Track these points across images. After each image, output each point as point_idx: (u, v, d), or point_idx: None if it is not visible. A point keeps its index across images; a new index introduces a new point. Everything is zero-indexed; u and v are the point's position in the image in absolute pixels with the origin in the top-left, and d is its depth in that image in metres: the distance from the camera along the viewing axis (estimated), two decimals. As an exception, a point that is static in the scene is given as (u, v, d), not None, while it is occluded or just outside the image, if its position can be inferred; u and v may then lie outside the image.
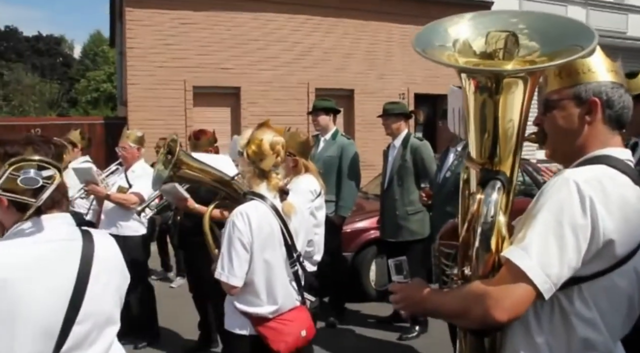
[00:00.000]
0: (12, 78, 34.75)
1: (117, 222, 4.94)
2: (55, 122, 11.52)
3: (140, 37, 9.79)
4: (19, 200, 1.46)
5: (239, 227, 2.47)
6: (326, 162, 5.23)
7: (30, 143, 1.54)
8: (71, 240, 1.57)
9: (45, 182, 1.45)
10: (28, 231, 1.50)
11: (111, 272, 1.65)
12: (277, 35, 10.58)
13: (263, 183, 2.60)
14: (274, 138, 2.59)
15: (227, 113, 10.55)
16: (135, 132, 5.22)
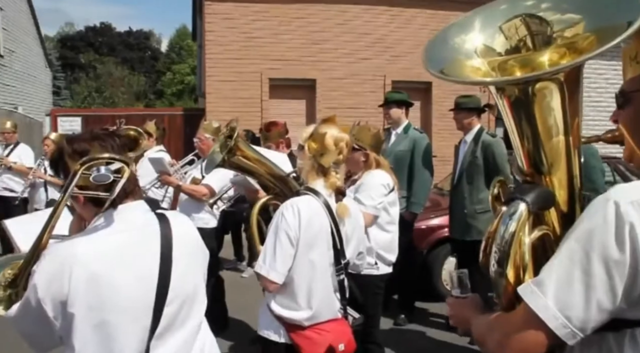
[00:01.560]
0: (104, 71, 36.70)
1: (190, 213, 4.98)
2: (138, 112, 11.99)
3: (218, 31, 9.97)
4: (94, 196, 1.52)
5: (288, 219, 2.33)
6: (398, 156, 5.08)
7: (96, 138, 1.59)
8: (148, 225, 1.62)
9: (116, 176, 1.49)
10: (106, 224, 1.55)
11: (192, 249, 1.70)
12: (354, 27, 10.45)
13: (320, 179, 2.47)
14: (338, 134, 2.46)
15: (303, 105, 10.55)
16: (211, 124, 5.22)
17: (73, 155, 1.55)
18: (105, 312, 1.46)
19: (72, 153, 1.56)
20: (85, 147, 1.55)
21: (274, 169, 3.10)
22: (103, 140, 1.59)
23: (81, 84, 35.74)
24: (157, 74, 44.27)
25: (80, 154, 1.53)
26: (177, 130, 10.10)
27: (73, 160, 1.53)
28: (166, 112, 11.26)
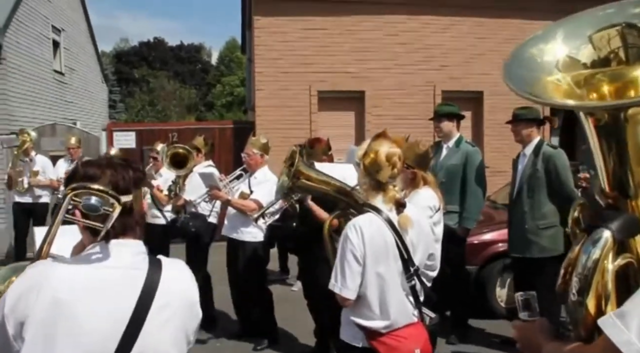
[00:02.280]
0: (157, 85, 37.86)
1: (238, 227, 5.08)
2: (190, 126, 12.19)
3: (267, 44, 10.08)
4: (87, 224, 1.49)
5: (352, 239, 2.47)
6: (449, 170, 4.99)
7: (110, 166, 1.56)
8: (134, 269, 1.53)
9: (107, 210, 1.45)
10: (93, 256, 1.51)
11: (176, 308, 1.56)
12: (401, 37, 10.35)
13: (379, 195, 2.57)
14: (390, 149, 2.55)
15: (352, 117, 10.51)
16: (259, 139, 5.29)
17: (82, 178, 1.53)
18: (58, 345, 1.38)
19: (82, 176, 1.53)
20: (96, 173, 1.53)
21: (338, 185, 3.18)
22: (115, 170, 1.55)
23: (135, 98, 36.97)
24: (207, 86, 45.30)
25: (89, 179, 1.52)
26: (227, 143, 10.24)
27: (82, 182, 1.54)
28: (216, 125, 11.42)
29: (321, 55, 10.14)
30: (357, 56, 10.22)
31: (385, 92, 10.29)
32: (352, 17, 10.23)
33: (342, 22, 10.21)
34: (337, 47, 10.19)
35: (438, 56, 10.48)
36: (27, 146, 7.76)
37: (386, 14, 10.30)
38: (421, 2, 10.33)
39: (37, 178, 7.77)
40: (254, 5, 10.25)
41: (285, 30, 10.07)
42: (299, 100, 10.09)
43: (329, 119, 10.27)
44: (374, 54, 10.27)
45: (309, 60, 10.10)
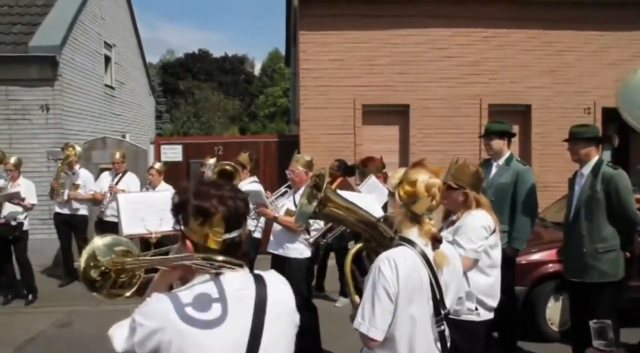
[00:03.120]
0: (202, 96, 38.59)
1: (284, 243, 5.11)
2: (235, 140, 12.38)
3: (312, 59, 10.14)
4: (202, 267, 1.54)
5: (386, 274, 2.24)
6: (499, 189, 4.89)
7: (223, 203, 1.59)
8: (244, 288, 1.62)
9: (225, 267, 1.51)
10: (206, 287, 1.59)
11: (284, 318, 1.68)
12: (447, 51, 10.23)
13: (414, 228, 2.38)
14: (429, 179, 2.38)
15: (396, 131, 10.44)
16: (304, 156, 5.35)
17: (196, 214, 1.58)
18: None
19: (195, 211, 1.58)
20: (209, 210, 1.57)
21: (364, 215, 3.02)
22: (227, 206, 1.59)
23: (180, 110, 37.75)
24: (250, 97, 45.87)
25: (202, 215, 1.58)
26: (272, 156, 10.33)
27: (194, 218, 1.59)
28: (261, 139, 11.54)
29: (366, 69, 10.14)
30: (401, 70, 10.18)
31: (430, 105, 10.20)
32: (397, 31, 10.19)
33: (386, 36, 10.19)
34: (381, 60, 10.17)
35: (484, 69, 10.33)
36: (71, 159, 8.04)
37: (432, 27, 10.23)
38: (467, 15, 10.22)
39: (76, 192, 8.02)
40: (299, 20, 10.35)
41: (330, 45, 10.13)
42: (343, 114, 10.10)
43: (373, 133, 10.24)
44: (419, 67, 10.20)
45: (353, 74, 10.11)
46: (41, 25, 10.69)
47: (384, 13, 10.14)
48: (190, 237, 1.60)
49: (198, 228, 1.58)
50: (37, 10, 11.24)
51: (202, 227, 1.58)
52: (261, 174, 7.06)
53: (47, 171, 9.83)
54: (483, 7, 10.18)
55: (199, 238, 1.59)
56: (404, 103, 10.20)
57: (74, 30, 11.22)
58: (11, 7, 11.40)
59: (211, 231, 1.57)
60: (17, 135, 10.16)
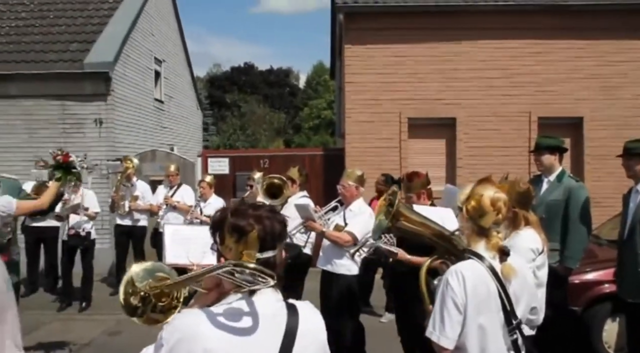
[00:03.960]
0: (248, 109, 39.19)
1: (332, 259, 5.08)
2: (280, 153, 12.51)
3: (358, 72, 10.17)
4: (237, 283, 1.55)
5: (453, 286, 2.36)
6: (550, 205, 4.75)
7: (259, 221, 1.62)
8: (276, 315, 1.63)
9: (259, 280, 1.52)
10: (238, 307, 1.60)
11: (314, 348, 1.68)
12: (495, 63, 10.08)
13: (482, 241, 2.48)
14: (495, 194, 2.47)
15: (442, 145, 10.33)
16: (355, 171, 5.29)
17: (232, 231, 1.62)
18: None
19: (231, 228, 1.62)
20: (246, 229, 1.61)
21: (437, 228, 3.09)
22: (264, 226, 1.62)
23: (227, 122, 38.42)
24: (295, 110, 46.26)
25: (238, 232, 1.61)
26: (317, 170, 10.36)
27: (230, 235, 1.62)
28: (306, 152, 11.61)
29: (412, 83, 10.09)
30: (448, 83, 10.09)
31: (478, 119, 10.05)
32: (444, 44, 10.12)
33: (433, 49, 10.13)
34: (428, 73, 10.11)
35: (533, 81, 10.12)
36: (130, 172, 8.25)
37: (479, 39, 10.11)
38: (515, 27, 10.07)
39: (136, 203, 8.24)
40: (345, 33, 10.40)
41: (376, 58, 10.13)
42: (389, 128, 10.07)
43: (420, 147, 10.17)
44: (466, 80, 10.08)
45: (399, 88, 10.08)
46: (96, 43, 11.12)
47: (430, 26, 10.11)
48: (226, 254, 1.64)
49: (233, 246, 1.61)
50: (92, 29, 11.70)
51: (237, 245, 1.61)
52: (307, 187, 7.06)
53: (100, 182, 10.15)
54: (531, 18, 10.02)
55: (234, 256, 1.61)
56: (451, 116, 10.09)
57: (126, 47, 11.62)
58: (69, 26, 11.92)
59: (245, 249, 1.60)
60: (72, 147, 10.46)
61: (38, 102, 10.60)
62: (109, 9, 12.47)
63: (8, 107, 10.62)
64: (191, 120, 18.13)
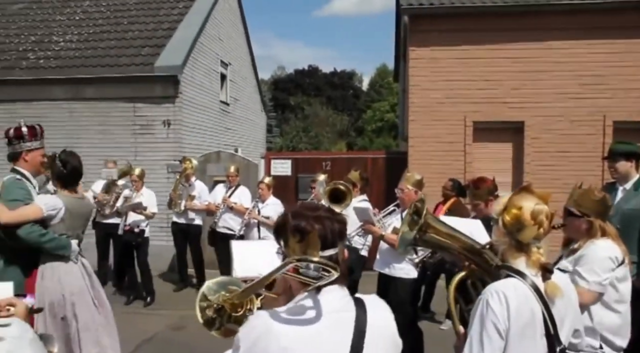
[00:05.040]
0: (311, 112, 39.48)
1: (390, 263, 5.06)
2: (342, 156, 12.47)
3: (422, 75, 10.00)
4: (304, 281, 1.64)
5: (495, 309, 2.12)
6: (625, 215, 4.47)
7: (319, 221, 1.69)
8: (345, 311, 1.68)
9: (323, 274, 1.60)
10: (306, 305, 1.66)
11: (384, 341, 1.71)
12: (565, 64, 9.63)
13: (521, 257, 2.25)
14: (536, 206, 2.24)
15: (509, 149, 9.99)
16: (414, 175, 5.29)
17: (294, 232, 1.69)
18: None
19: (293, 230, 1.69)
20: (306, 229, 1.68)
21: (467, 241, 2.91)
22: (323, 225, 1.69)
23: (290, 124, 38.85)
24: (358, 112, 46.22)
25: (300, 233, 1.68)
26: (379, 172, 10.28)
27: (293, 236, 1.70)
28: (369, 155, 11.54)
29: (477, 85, 9.83)
30: (515, 85, 9.75)
31: (547, 122, 9.66)
32: (511, 45, 9.80)
33: (499, 50, 9.83)
34: (494, 75, 9.81)
35: (608, 83, 9.60)
36: (188, 172, 8.48)
37: (548, 40, 9.71)
38: (588, 26, 9.60)
39: (192, 203, 8.44)
40: (409, 36, 10.28)
41: (441, 61, 9.94)
42: (453, 131, 9.85)
43: (485, 151, 9.88)
44: (535, 81, 9.71)
45: (464, 90, 9.84)
46: (166, 47, 11.51)
47: (496, 27, 9.82)
48: (290, 256, 1.69)
49: (296, 247, 1.68)
50: (162, 34, 12.12)
51: (299, 246, 1.68)
52: (368, 190, 7.03)
53: (167, 182, 10.49)
54: (606, 17, 9.53)
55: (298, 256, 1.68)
56: (519, 120, 9.76)
57: (194, 50, 11.96)
58: (141, 31, 12.41)
59: (308, 249, 1.66)
60: (141, 148, 10.96)
61: (111, 104, 11.09)
62: (179, 14, 12.89)
63: (84, 109, 11.17)
64: (255, 122, 18.45)
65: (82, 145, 10.86)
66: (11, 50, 12.25)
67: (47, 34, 12.78)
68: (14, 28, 13.26)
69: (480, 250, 2.64)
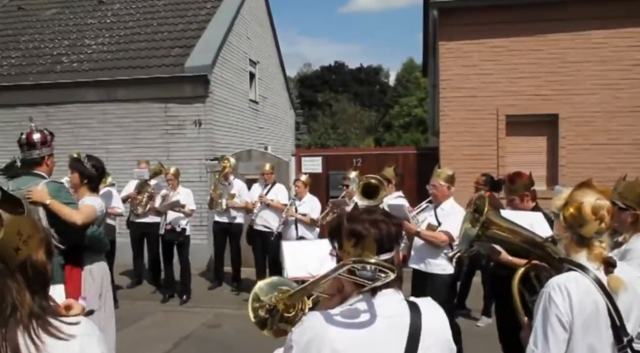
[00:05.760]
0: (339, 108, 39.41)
1: (426, 259, 5.04)
2: (373, 152, 12.42)
3: (453, 69, 9.88)
4: (359, 282, 1.63)
5: (557, 302, 2.15)
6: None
7: (375, 225, 1.68)
8: (399, 315, 1.66)
9: (379, 276, 1.59)
10: (361, 308, 1.65)
11: (439, 347, 1.68)
12: (602, 54, 9.39)
13: (582, 251, 2.26)
14: (597, 201, 2.25)
15: (543, 143, 9.80)
16: (445, 171, 5.27)
17: (349, 236, 1.68)
18: None
19: (348, 233, 1.69)
20: (362, 233, 1.66)
21: (529, 235, 2.90)
22: (379, 229, 1.67)
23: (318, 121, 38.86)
24: (385, 108, 45.97)
25: (355, 237, 1.67)
26: (410, 168, 10.20)
27: (348, 239, 1.69)
28: (399, 151, 11.45)
29: (510, 78, 9.66)
30: (550, 77, 9.55)
31: (583, 115, 9.44)
32: (544, 36, 9.60)
33: (532, 42, 9.64)
34: (527, 68, 9.62)
35: (646, 73, 9.35)
36: (227, 171, 8.51)
37: (584, 29, 9.49)
38: (626, 15, 9.33)
39: (233, 201, 8.48)
40: (439, 30, 10.15)
41: (472, 54, 9.80)
42: (485, 126, 9.71)
43: (518, 145, 9.72)
44: (570, 73, 9.49)
45: (496, 84, 9.69)
46: (195, 47, 11.60)
47: (528, 18, 9.62)
48: (345, 259, 1.68)
49: (352, 250, 1.67)
50: (191, 34, 12.24)
51: (355, 249, 1.66)
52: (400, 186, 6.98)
53: (199, 181, 10.60)
54: (642, 5, 9.24)
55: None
56: (553, 112, 9.56)
57: (223, 50, 12.04)
58: (170, 33, 12.54)
59: (364, 253, 1.64)
60: (173, 147, 11.09)
61: (143, 105, 11.23)
62: (207, 14, 12.99)
63: (116, 110, 11.35)
64: (284, 120, 18.50)
65: (115, 146, 11.06)
66: (46, 54, 12.52)
67: (80, 38, 13.03)
68: (48, 33, 13.55)
69: (542, 244, 2.70)
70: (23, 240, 1.56)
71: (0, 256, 1.53)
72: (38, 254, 1.60)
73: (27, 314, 1.53)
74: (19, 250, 1.55)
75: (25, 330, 1.51)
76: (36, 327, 1.52)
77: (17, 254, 1.55)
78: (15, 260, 1.54)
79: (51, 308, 1.63)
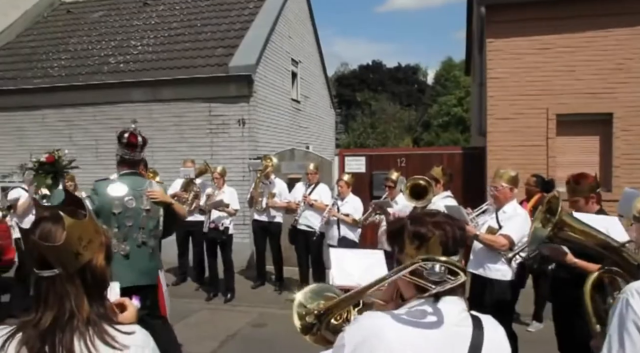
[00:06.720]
0: (378, 108, 39.19)
1: (485, 263, 4.86)
2: (416, 152, 12.24)
3: (501, 67, 9.64)
4: (422, 285, 1.57)
5: (636, 308, 2.03)
6: None
7: (439, 227, 1.63)
8: (461, 326, 1.59)
9: (448, 278, 1.53)
10: (422, 312, 1.59)
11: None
12: (658, 50, 9.05)
13: None
14: None
15: (596, 142, 9.47)
16: (508, 172, 5.02)
17: (412, 238, 1.64)
18: None
19: (412, 236, 1.64)
20: (426, 235, 1.62)
21: (604, 239, 2.78)
22: (444, 231, 1.62)
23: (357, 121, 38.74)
24: (423, 107, 45.50)
25: (419, 239, 1.62)
26: (456, 169, 9.98)
27: (410, 242, 1.64)
28: (445, 151, 11.26)
29: (561, 76, 9.36)
30: (603, 75, 9.22)
31: (639, 113, 9.08)
32: (598, 32, 9.27)
33: (585, 39, 9.32)
34: (579, 65, 9.31)
35: None
36: (269, 170, 8.52)
37: (638, 24, 9.12)
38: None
39: (273, 200, 8.49)
40: (487, 27, 9.92)
41: (521, 52, 9.54)
42: (534, 125, 9.44)
43: (569, 145, 9.42)
44: (625, 71, 9.14)
45: (546, 82, 9.41)
46: (239, 47, 11.67)
47: (581, 14, 9.30)
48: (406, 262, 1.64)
49: (414, 253, 1.62)
50: (235, 34, 12.32)
51: (418, 252, 1.62)
52: (446, 187, 6.84)
53: (242, 180, 10.65)
54: None
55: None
56: (606, 111, 9.23)
57: (266, 49, 12.07)
58: (214, 33, 12.65)
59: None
60: (217, 147, 11.18)
61: (188, 105, 11.36)
62: (250, 14, 13.06)
63: (162, 110, 11.51)
64: (325, 120, 18.48)
65: (160, 145, 11.20)
66: (94, 56, 12.80)
67: (126, 39, 13.27)
68: (95, 35, 13.86)
69: (618, 249, 2.59)
70: (83, 245, 1.54)
71: (59, 261, 1.51)
72: (98, 259, 1.58)
73: (84, 321, 1.52)
74: (79, 255, 1.53)
75: (81, 337, 1.51)
76: (92, 334, 1.52)
77: (76, 259, 1.53)
78: (75, 265, 1.53)
79: (108, 314, 1.62)
